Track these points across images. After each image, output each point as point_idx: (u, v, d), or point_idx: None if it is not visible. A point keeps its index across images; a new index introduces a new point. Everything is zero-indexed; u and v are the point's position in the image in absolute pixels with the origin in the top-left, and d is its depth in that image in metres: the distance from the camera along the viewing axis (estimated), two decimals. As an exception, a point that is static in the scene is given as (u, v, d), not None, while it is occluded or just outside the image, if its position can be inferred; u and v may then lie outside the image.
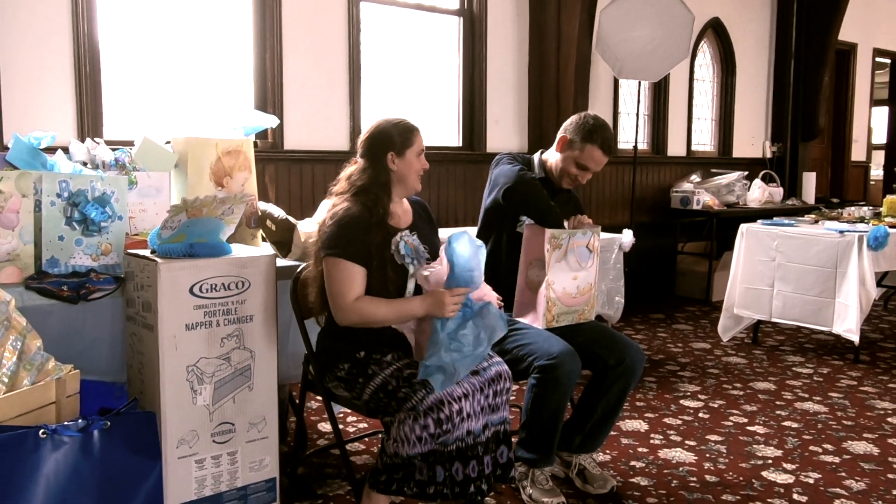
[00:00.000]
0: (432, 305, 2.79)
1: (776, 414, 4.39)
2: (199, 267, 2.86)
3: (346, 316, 2.86)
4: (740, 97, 9.02)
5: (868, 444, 3.95)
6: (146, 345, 2.89)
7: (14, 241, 2.92)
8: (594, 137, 3.51)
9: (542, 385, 3.09)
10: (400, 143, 2.98)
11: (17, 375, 2.53)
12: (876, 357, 5.67)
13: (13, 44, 4.37)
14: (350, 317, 2.86)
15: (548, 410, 3.12)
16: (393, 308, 2.85)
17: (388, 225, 2.96)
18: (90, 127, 4.66)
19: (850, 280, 5.26)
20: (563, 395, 3.11)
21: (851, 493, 3.39)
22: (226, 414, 2.97)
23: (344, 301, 2.85)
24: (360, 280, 2.88)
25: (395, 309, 2.85)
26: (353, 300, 2.85)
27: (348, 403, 3.05)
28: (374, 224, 2.91)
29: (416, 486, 2.76)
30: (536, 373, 3.11)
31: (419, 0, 6.23)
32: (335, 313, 2.89)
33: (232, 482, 3.02)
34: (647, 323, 6.76)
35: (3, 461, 2.26)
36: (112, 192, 3.07)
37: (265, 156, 5.27)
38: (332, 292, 2.88)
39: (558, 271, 3.32)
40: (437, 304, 2.77)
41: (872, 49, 10.79)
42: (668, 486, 3.46)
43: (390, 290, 2.90)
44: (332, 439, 3.89)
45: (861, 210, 6.38)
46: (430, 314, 2.80)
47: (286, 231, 3.55)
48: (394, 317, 2.86)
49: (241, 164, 3.57)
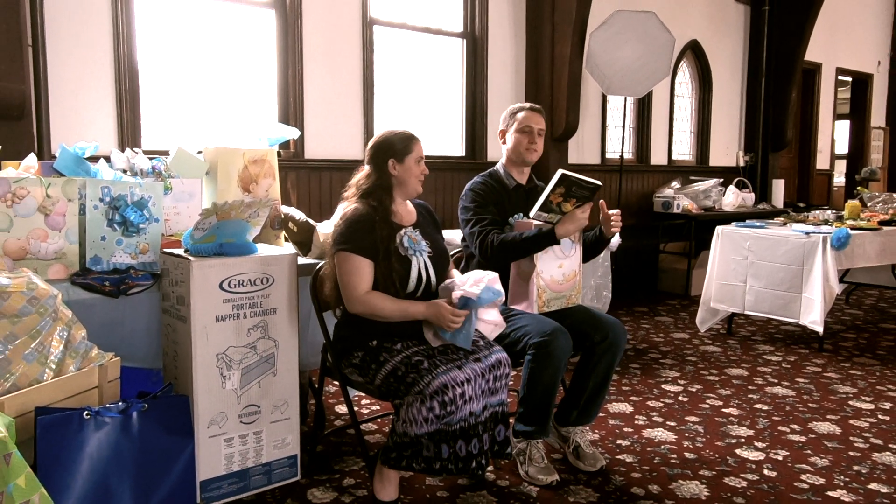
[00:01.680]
0: (434, 315, 2.84)
1: (748, 397, 4.38)
2: (228, 265, 2.87)
3: (356, 306, 2.88)
4: (716, 111, 9.01)
5: (831, 425, 3.93)
6: (180, 335, 2.89)
7: (61, 241, 2.92)
8: (515, 110, 3.60)
9: (537, 360, 3.09)
10: (400, 151, 3.01)
11: (64, 362, 2.53)
12: (838, 346, 5.66)
13: (60, 64, 4.37)
14: (359, 307, 2.88)
15: (542, 384, 3.12)
16: (398, 307, 2.87)
17: (392, 222, 2.98)
18: (129, 138, 4.66)
19: (815, 277, 5.25)
20: (557, 370, 3.10)
21: (816, 469, 3.38)
22: (252, 397, 2.98)
23: (355, 292, 2.86)
24: (367, 272, 2.89)
25: (399, 308, 2.87)
26: (363, 292, 2.87)
27: (362, 388, 3.04)
28: (379, 221, 2.94)
29: (423, 462, 2.76)
30: (532, 350, 3.10)
31: (426, 24, 6.23)
32: (346, 302, 2.91)
33: (257, 459, 3.03)
34: (632, 315, 6.75)
35: (52, 440, 2.26)
36: (149, 197, 3.07)
37: (287, 164, 5.27)
38: (343, 283, 2.90)
39: (545, 261, 3.33)
40: (439, 315, 2.83)
41: (835, 68, 10.78)
42: (651, 462, 3.45)
43: (395, 279, 2.91)
44: (347, 420, 3.89)
45: (825, 213, 6.36)
46: (430, 321, 2.86)
47: (306, 232, 3.55)
48: (398, 315, 2.88)
49: (265, 171, 3.57)
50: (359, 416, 3.92)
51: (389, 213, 2.99)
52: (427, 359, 2.80)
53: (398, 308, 2.87)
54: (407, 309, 2.88)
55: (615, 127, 7.89)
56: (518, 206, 3.52)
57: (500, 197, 3.51)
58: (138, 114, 4.73)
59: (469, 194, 3.51)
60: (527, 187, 3.61)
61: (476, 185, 3.53)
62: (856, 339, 5.93)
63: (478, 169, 6.34)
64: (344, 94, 5.69)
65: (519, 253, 3.33)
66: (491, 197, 3.48)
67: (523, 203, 3.52)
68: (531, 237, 3.26)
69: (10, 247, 2.83)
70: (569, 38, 6.51)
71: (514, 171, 3.60)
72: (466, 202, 3.50)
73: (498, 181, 3.56)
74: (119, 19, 4.56)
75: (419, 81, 6.30)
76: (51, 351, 2.51)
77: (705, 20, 8.65)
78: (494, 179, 3.56)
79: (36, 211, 2.87)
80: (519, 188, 3.58)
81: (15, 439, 2.05)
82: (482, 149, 6.61)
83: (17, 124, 4.07)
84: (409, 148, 3.02)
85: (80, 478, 2.28)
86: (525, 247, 3.29)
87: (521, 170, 3.62)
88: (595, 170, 7.60)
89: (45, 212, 2.89)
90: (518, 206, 3.52)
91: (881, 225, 5.94)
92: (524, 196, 3.56)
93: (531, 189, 3.61)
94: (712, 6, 8.72)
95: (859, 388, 4.60)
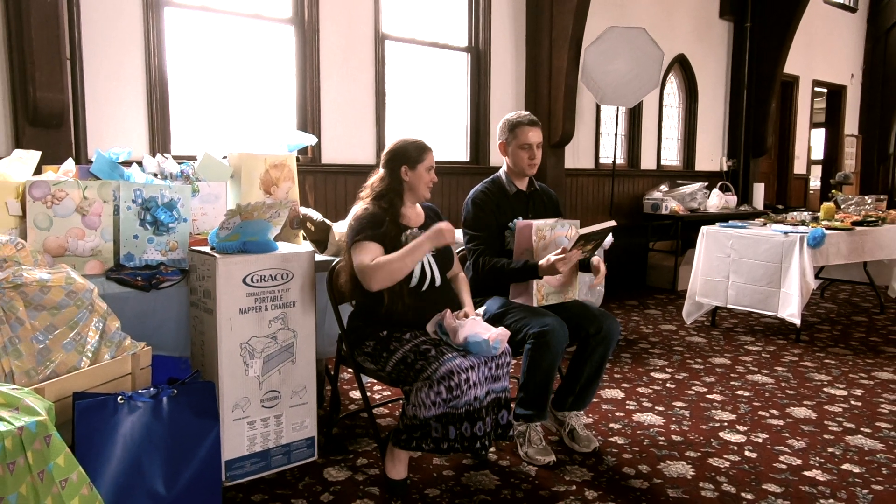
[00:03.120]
0: (433, 236, 2.85)
1: (731, 384, 4.37)
2: (251, 261, 2.87)
3: (372, 276, 2.82)
4: (701, 120, 8.98)
5: (807, 410, 3.92)
6: (206, 326, 2.89)
7: (97, 239, 2.92)
8: (515, 123, 3.54)
9: (536, 348, 3.09)
10: (413, 159, 3.02)
11: (100, 351, 2.53)
12: (814, 337, 5.64)
13: (96, 77, 4.37)
14: (375, 274, 2.82)
15: (541, 371, 3.12)
16: (403, 250, 2.85)
17: (399, 224, 3.01)
18: (160, 144, 4.66)
19: (793, 273, 5.24)
20: (554, 357, 3.10)
21: (793, 451, 3.37)
22: (273, 383, 2.98)
23: (366, 266, 2.83)
24: (377, 252, 2.89)
25: (405, 250, 2.84)
26: (371, 262, 2.84)
27: (374, 374, 3.04)
28: (389, 222, 2.97)
29: (431, 443, 2.76)
30: (531, 339, 3.10)
31: (434, 39, 6.22)
32: (365, 283, 2.85)
33: (278, 440, 3.03)
34: (623, 308, 6.73)
35: (88, 422, 2.27)
36: (178, 199, 3.07)
37: (305, 168, 5.27)
38: (357, 267, 2.88)
39: (543, 258, 3.32)
40: (436, 233, 2.86)
41: (812, 81, 10.74)
42: (640, 444, 3.44)
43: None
44: (360, 405, 3.89)
45: (802, 215, 6.35)
46: (433, 243, 2.86)
47: (323, 231, 3.55)
48: (408, 257, 2.84)
49: (285, 175, 3.57)
50: (371, 401, 3.92)
51: (398, 216, 3.02)
52: (434, 347, 2.80)
53: (404, 251, 2.84)
54: (412, 248, 2.84)
55: (608, 134, 7.86)
56: (518, 210, 3.51)
57: (501, 202, 3.50)
58: (168, 122, 4.73)
59: (471, 209, 3.49)
60: (527, 192, 3.60)
61: (477, 195, 3.51)
62: (830, 330, 5.92)
63: (481, 173, 6.35)
64: (358, 104, 5.69)
65: (504, 279, 3.37)
66: (491, 205, 3.47)
67: (523, 207, 3.53)
68: (516, 269, 3.28)
69: (50, 244, 2.84)
70: (565, 53, 6.50)
71: (515, 178, 3.59)
72: (467, 216, 3.51)
73: (500, 188, 3.55)
74: (150, 34, 4.56)
75: (427, 92, 6.29)
76: (87, 340, 2.51)
77: (692, 36, 8.63)
78: (497, 186, 3.56)
79: (74, 211, 2.87)
80: (519, 193, 3.57)
81: (55, 422, 2.05)
82: (485, 155, 6.61)
83: (56, 132, 4.08)
84: (421, 157, 3.04)
85: (114, 458, 2.28)
86: (509, 276, 3.33)
87: (521, 178, 3.61)
88: (589, 174, 7.60)
89: (82, 212, 2.89)
90: (518, 210, 3.51)
91: (854, 225, 5.94)
92: (524, 200, 3.56)
93: (531, 193, 3.61)
94: (698, 23, 8.70)
95: (833, 376, 4.58)
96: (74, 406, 2.27)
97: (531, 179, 3.65)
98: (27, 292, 2.42)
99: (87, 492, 2.08)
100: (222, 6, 4.95)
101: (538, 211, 3.58)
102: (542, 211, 3.60)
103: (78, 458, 2.11)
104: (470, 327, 2.84)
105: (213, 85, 5.00)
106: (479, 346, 2.79)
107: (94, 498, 2.11)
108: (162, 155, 3.47)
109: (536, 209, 3.58)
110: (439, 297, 3.04)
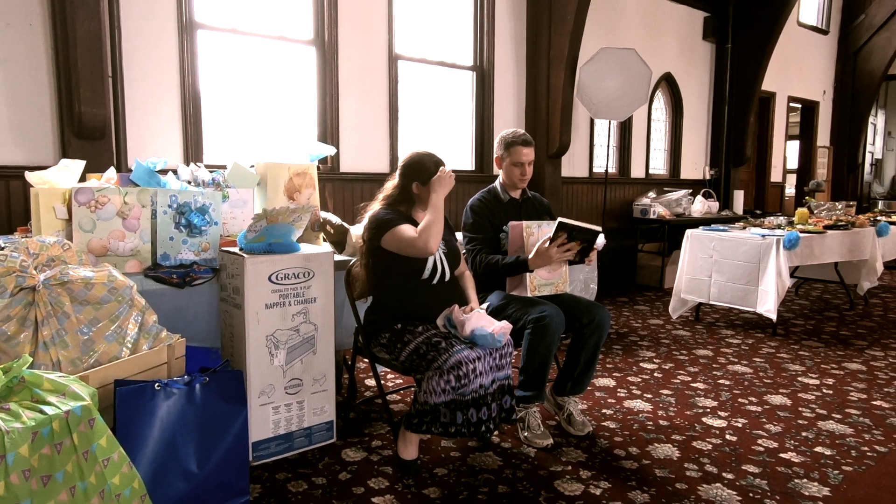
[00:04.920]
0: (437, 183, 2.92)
1: (713, 374, 4.35)
2: (276, 261, 2.87)
3: (424, 246, 2.84)
4: (686, 132, 8.95)
5: (783, 398, 3.90)
6: (235, 319, 2.89)
7: (136, 240, 2.93)
8: (509, 142, 3.56)
9: (535, 333, 3.09)
10: (426, 176, 3.00)
11: (138, 343, 2.53)
12: (789, 331, 5.62)
13: (136, 93, 4.38)
14: (425, 243, 2.84)
15: (539, 354, 3.12)
16: (430, 211, 2.89)
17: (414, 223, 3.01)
18: (193, 154, 4.67)
19: (770, 272, 5.22)
20: (551, 342, 3.10)
21: (770, 435, 3.35)
22: (295, 372, 2.98)
23: (413, 238, 2.86)
24: (412, 228, 2.92)
25: (431, 210, 2.89)
26: (415, 233, 2.87)
27: (388, 364, 3.04)
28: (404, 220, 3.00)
29: (440, 427, 2.76)
30: (530, 325, 3.11)
31: (442, 59, 6.21)
32: (420, 250, 2.86)
33: (300, 423, 3.03)
34: (615, 304, 6.71)
35: (128, 407, 2.27)
36: (210, 204, 3.07)
37: (325, 176, 5.28)
38: (407, 242, 2.88)
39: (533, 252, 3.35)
40: (439, 181, 2.93)
41: (787, 96, 10.71)
42: (630, 428, 3.43)
43: (413, 266, 2.95)
44: (375, 392, 3.88)
45: (778, 219, 6.32)
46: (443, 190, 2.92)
47: (341, 234, 3.55)
48: (437, 212, 2.88)
49: (307, 182, 3.57)
50: (385, 388, 3.91)
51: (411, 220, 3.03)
52: (444, 339, 2.80)
53: (430, 211, 2.88)
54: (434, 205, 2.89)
55: (601, 145, 7.84)
56: (511, 215, 3.55)
57: (496, 209, 3.56)
58: (200, 134, 4.74)
59: (470, 215, 3.55)
60: (520, 200, 3.65)
61: (475, 203, 3.57)
62: (804, 325, 5.89)
63: (485, 181, 6.37)
64: (373, 118, 5.68)
65: (498, 275, 3.39)
66: (487, 212, 3.52)
67: (515, 213, 3.58)
68: (509, 264, 3.33)
69: (94, 245, 2.84)
70: (562, 71, 6.49)
71: (509, 188, 3.64)
72: (467, 220, 3.56)
73: (495, 196, 3.60)
74: (184, 54, 4.57)
75: (436, 107, 6.27)
76: (127, 333, 2.51)
77: (677, 56, 8.60)
78: (492, 195, 3.61)
79: (115, 215, 2.88)
80: (513, 201, 3.62)
81: (98, 407, 2.05)
82: (489, 164, 6.59)
83: (99, 143, 4.09)
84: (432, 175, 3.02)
85: (152, 439, 2.29)
86: (503, 271, 3.37)
87: (514, 188, 3.64)
88: (584, 182, 7.58)
89: (123, 216, 2.89)
90: (511, 215, 3.55)
91: (826, 229, 5.92)
92: (517, 207, 3.62)
93: (524, 201, 3.66)
94: (683, 44, 8.67)
95: (807, 366, 4.56)
96: (116, 392, 2.27)
97: (524, 189, 3.67)
98: (73, 289, 2.42)
99: (126, 470, 2.09)
100: (250, 29, 4.96)
101: (530, 216, 3.61)
102: (535, 216, 3.63)
103: (119, 439, 2.12)
104: (476, 320, 2.84)
105: (241, 100, 5.00)
106: (485, 338, 2.79)
107: (134, 476, 2.12)
108: (195, 164, 3.47)
109: (529, 215, 3.61)
110: (448, 292, 3.03)
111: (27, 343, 2.35)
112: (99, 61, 3.98)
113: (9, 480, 1.78)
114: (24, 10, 3.95)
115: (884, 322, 6.05)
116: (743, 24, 8.96)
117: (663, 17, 8.35)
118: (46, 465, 1.87)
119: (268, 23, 5.07)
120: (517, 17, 6.69)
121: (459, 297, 3.09)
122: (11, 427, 1.81)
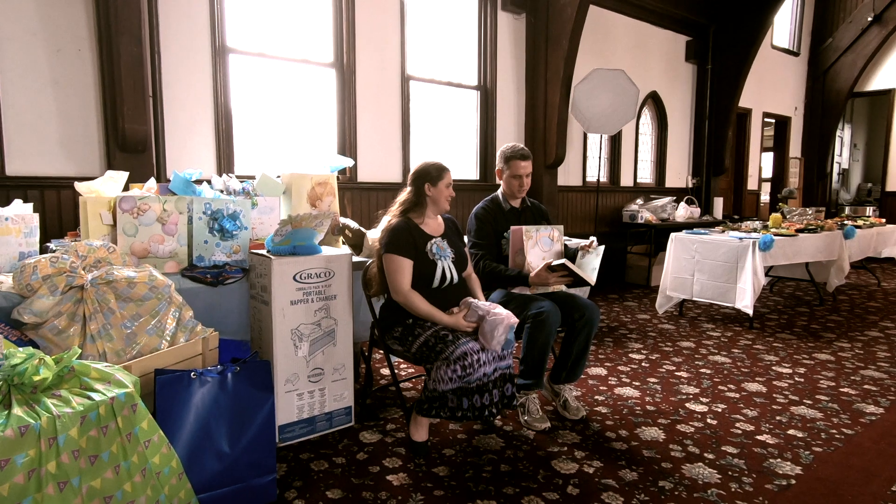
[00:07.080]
0: (452, 322, 2.83)
1: (695, 364, 4.33)
2: (300, 262, 2.87)
3: (399, 298, 2.88)
4: (671, 145, 8.92)
5: (759, 385, 3.88)
6: (263, 315, 2.89)
7: (174, 243, 2.93)
8: (508, 156, 3.53)
9: (534, 326, 3.09)
10: (435, 177, 3.01)
11: (176, 336, 2.54)
12: (764, 325, 5.58)
13: (174, 111, 4.40)
14: (400, 299, 2.88)
15: (538, 345, 3.11)
16: (428, 311, 2.86)
17: (424, 233, 2.99)
18: (225, 166, 4.68)
19: (747, 271, 5.20)
20: (549, 334, 3.09)
21: (748, 419, 3.33)
22: (317, 362, 2.98)
23: (400, 287, 2.87)
24: (408, 270, 2.89)
25: (429, 312, 2.86)
26: (406, 290, 2.87)
27: (401, 355, 3.03)
28: (415, 230, 2.97)
29: (448, 412, 2.75)
30: (530, 319, 3.11)
31: (450, 79, 6.21)
32: (392, 293, 2.91)
33: (322, 409, 3.03)
34: (606, 300, 6.69)
35: (167, 394, 2.27)
36: (240, 211, 3.08)
37: (344, 185, 5.28)
38: (391, 279, 2.90)
39: (533, 255, 3.36)
40: (454, 323, 2.83)
41: (762, 112, 10.65)
42: (620, 412, 3.41)
43: (424, 275, 2.93)
44: (389, 380, 3.88)
45: (754, 223, 6.29)
46: (451, 327, 2.83)
47: (359, 237, 3.55)
48: (426, 316, 2.86)
49: (328, 191, 3.57)
50: (398, 377, 3.91)
51: (424, 226, 3.02)
52: (451, 333, 2.79)
53: (428, 311, 2.86)
54: (433, 314, 2.86)
55: (593, 157, 7.82)
56: (511, 222, 3.53)
57: (498, 217, 3.54)
58: (232, 147, 4.75)
59: (474, 221, 3.53)
60: (519, 208, 3.62)
61: (479, 211, 3.55)
62: (778, 319, 5.85)
63: (489, 189, 6.37)
64: (387, 133, 5.68)
65: (499, 282, 3.38)
66: (490, 219, 3.50)
67: (515, 220, 3.55)
68: (511, 276, 3.32)
69: (136, 248, 2.85)
70: (558, 90, 6.48)
71: (509, 198, 3.61)
72: (472, 227, 3.53)
73: (497, 205, 3.58)
74: (217, 76, 4.58)
75: (444, 122, 6.28)
76: (166, 327, 2.52)
77: (663, 76, 8.57)
78: (494, 204, 3.58)
79: (155, 221, 2.89)
80: (513, 209, 3.60)
81: (140, 393, 2.06)
82: (492, 174, 6.57)
83: (141, 156, 4.10)
84: (441, 175, 3.02)
85: (188, 423, 2.29)
86: (503, 279, 3.35)
87: (514, 198, 3.62)
88: (578, 190, 7.56)
89: (162, 222, 2.90)
90: (511, 222, 3.53)
91: (797, 232, 5.91)
92: (517, 214, 3.59)
93: (523, 209, 3.63)
94: (668, 65, 8.64)
95: (780, 357, 4.53)
96: (156, 380, 2.27)
97: (524, 198, 3.66)
98: (117, 287, 2.43)
99: (166, 451, 2.09)
100: (276, 53, 4.97)
101: (529, 222, 3.59)
102: (533, 222, 3.61)
103: (158, 423, 2.12)
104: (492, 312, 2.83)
105: (268, 117, 5.01)
106: (509, 343, 2.83)
107: (172, 456, 2.12)
108: (227, 175, 3.48)
109: (527, 221, 3.60)
110: (456, 293, 3.02)
111: (76, 336, 2.36)
112: (141, 83, 4.00)
113: (60, 460, 1.79)
114: (73, 37, 3.97)
115: (850, 316, 6.01)
116: (722, 47, 8.93)
117: (650, 41, 8.32)
118: (93, 446, 1.88)
119: (292, 47, 5.08)
120: (517, 41, 6.68)
121: (466, 296, 3.07)
122: (62, 412, 1.82)
